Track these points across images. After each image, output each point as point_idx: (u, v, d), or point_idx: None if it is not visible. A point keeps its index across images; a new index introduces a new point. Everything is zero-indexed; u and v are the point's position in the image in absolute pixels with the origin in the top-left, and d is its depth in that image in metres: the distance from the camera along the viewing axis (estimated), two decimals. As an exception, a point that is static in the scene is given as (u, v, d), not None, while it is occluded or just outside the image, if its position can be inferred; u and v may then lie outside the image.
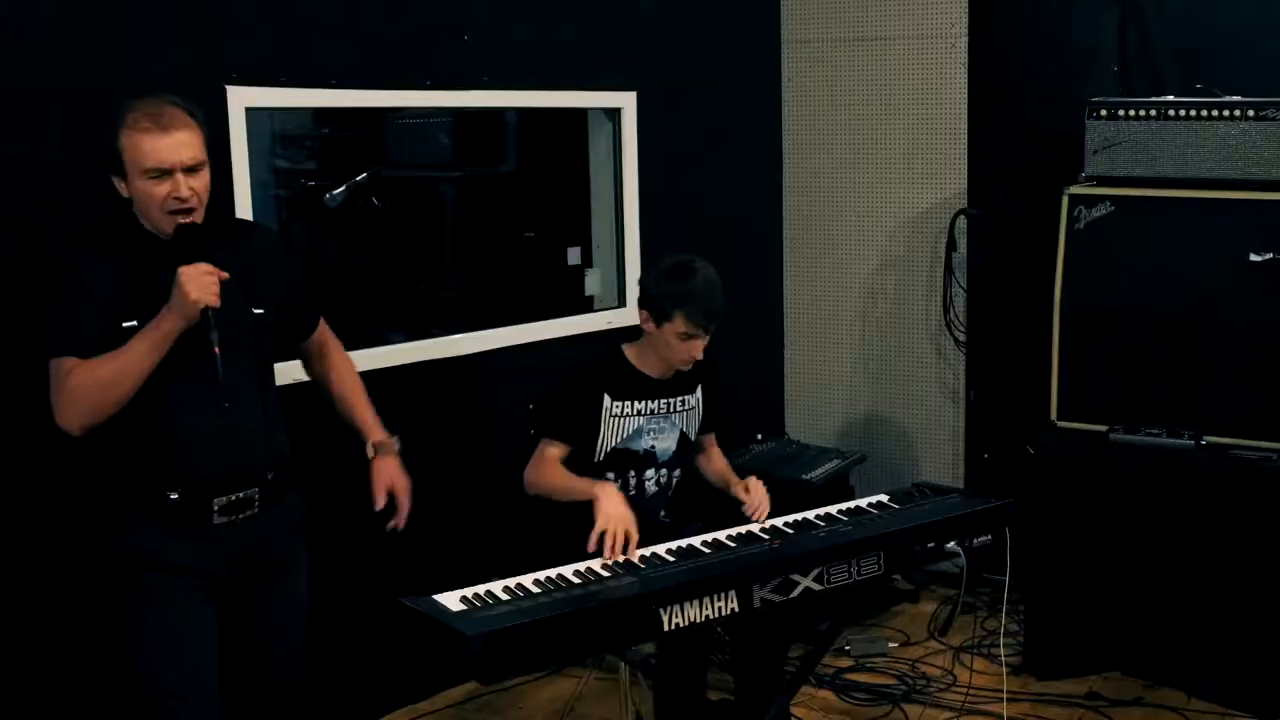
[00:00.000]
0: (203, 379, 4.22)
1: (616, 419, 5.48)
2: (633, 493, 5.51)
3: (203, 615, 4.37)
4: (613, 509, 4.99)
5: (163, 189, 4.16)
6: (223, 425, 4.28)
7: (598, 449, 5.48)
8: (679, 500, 5.73)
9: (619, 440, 5.50)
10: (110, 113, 4.20)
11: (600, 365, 5.57)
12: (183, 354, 4.18)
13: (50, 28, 5.02)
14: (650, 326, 5.42)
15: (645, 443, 5.55)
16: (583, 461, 5.47)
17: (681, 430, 5.64)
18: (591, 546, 4.84)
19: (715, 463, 5.85)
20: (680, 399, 5.62)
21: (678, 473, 5.68)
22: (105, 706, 5.25)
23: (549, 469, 5.38)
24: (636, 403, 5.51)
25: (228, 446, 4.32)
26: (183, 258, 4.13)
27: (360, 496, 4.94)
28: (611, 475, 5.49)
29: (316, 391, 4.95)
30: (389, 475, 4.77)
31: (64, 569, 5.17)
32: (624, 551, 4.84)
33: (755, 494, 5.44)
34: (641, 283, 5.58)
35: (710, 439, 5.86)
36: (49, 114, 5.01)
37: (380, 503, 4.73)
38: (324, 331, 4.90)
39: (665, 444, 5.59)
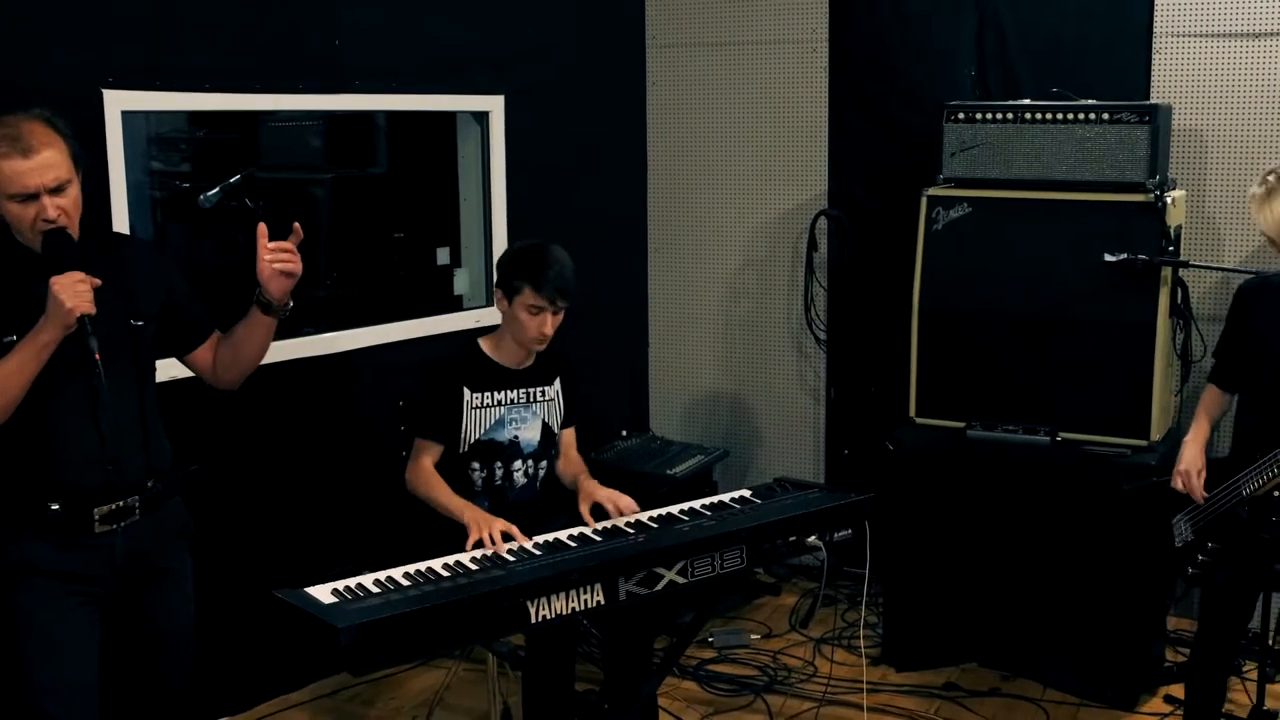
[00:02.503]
0: (82, 391, 4.20)
1: (477, 410, 5.56)
2: (499, 483, 5.61)
3: (83, 618, 4.37)
4: (481, 516, 5.05)
5: (29, 211, 4.13)
6: (102, 437, 4.25)
7: (462, 441, 5.55)
8: (542, 494, 5.80)
9: (482, 432, 5.57)
10: None
11: (457, 359, 5.65)
12: (62, 366, 4.18)
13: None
14: (504, 306, 5.55)
15: (508, 433, 5.62)
16: (449, 454, 5.55)
17: (544, 421, 5.72)
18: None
19: (572, 465, 5.84)
20: (539, 389, 5.71)
21: (544, 465, 5.75)
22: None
23: (429, 477, 5.44)
24: (496, 393, 5.59)
25: (107, 458, 4.30)
26: (54, 267, 4.10)
27: (232, 492, 4.96)
28: (477, 466, 5.57)
29: (197, 389, 4.91)
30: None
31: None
32: (506, 540, 4.90)
33: (621, 503, 5.36)
34: (497, 264, 5.73)
35: (570, 439, 5.91)
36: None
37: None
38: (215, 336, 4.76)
39: (529, 434, 5.67)
